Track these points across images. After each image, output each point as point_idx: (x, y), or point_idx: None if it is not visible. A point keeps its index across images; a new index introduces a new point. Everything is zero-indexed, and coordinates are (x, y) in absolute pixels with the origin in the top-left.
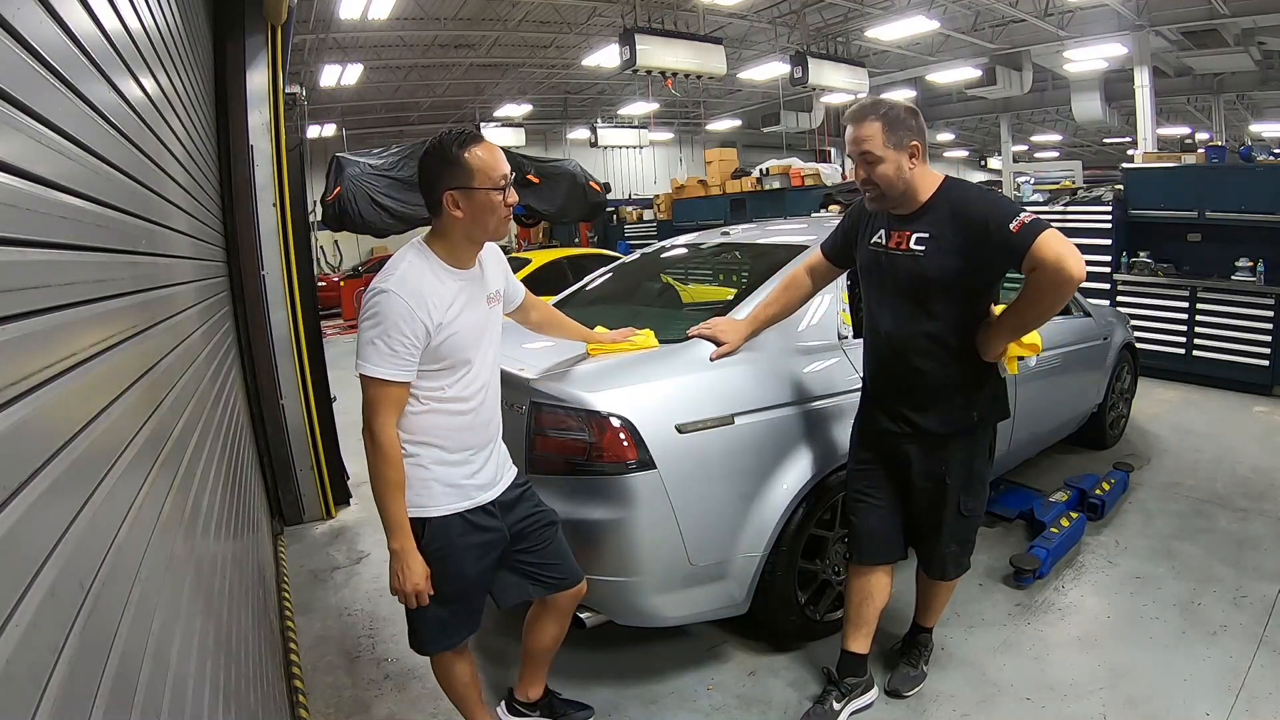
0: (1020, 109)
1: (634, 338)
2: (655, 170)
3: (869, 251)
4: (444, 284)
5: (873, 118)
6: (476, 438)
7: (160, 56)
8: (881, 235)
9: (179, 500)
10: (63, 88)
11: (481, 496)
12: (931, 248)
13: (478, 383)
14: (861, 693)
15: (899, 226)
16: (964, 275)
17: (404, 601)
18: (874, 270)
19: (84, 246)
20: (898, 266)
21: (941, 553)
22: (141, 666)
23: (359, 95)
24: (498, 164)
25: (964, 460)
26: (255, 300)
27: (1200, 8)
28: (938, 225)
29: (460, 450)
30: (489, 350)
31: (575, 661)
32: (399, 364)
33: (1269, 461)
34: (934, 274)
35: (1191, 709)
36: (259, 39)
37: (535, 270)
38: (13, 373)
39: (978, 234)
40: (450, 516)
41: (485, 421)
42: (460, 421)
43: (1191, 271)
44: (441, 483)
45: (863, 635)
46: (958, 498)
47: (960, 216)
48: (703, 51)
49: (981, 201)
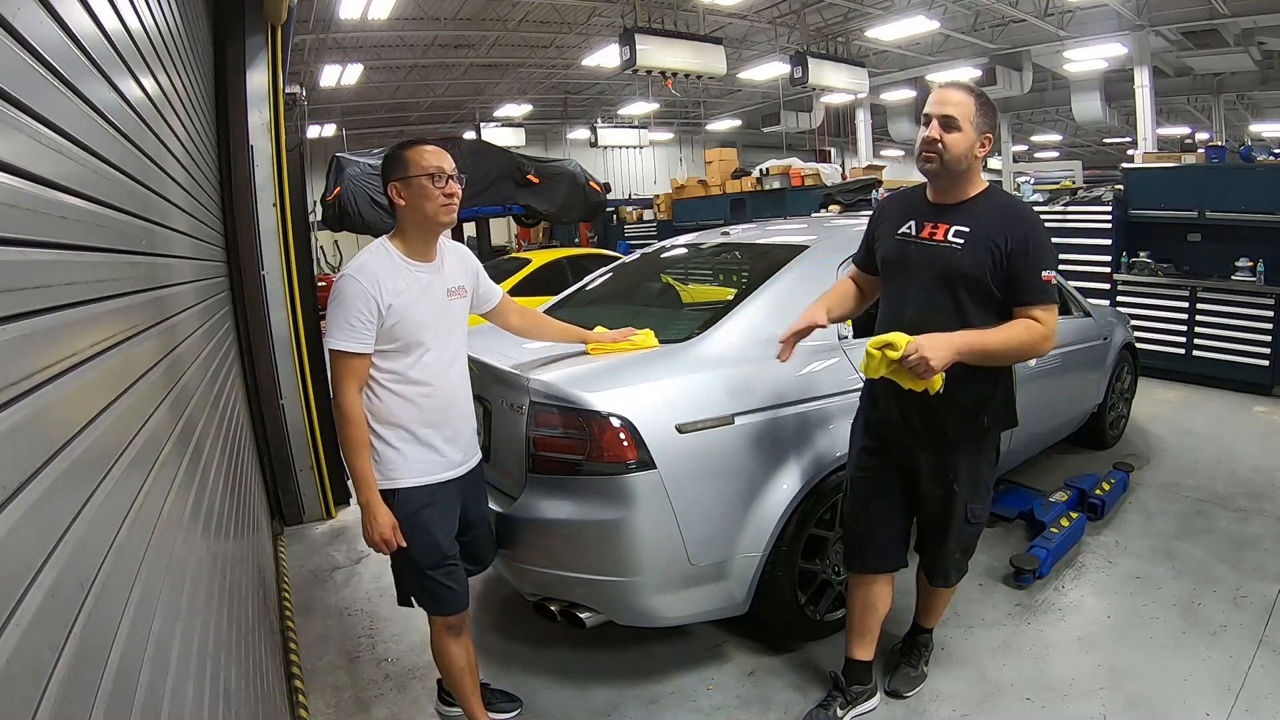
0: (1020, 109)
1: (634, 337)
2: (655, 170)
3: (895, 242)
4: (399, 273)
5: (970, 93)
6: (438, 419)
7: (160, 56)
8: (911, 226)
9: (179, 500)
10: (63, 88)
11: (445, 474)
12: (970, 241)
13: (435, 367)
14: (866, 699)
15: (934, 217)
16: (995, 275)
17: (378, 550)
18: (900, 260)
19: (84, 246)
20: (931, 256)
21: (947, 560)
22: (141, 666)
23: (359, 95)
24: (431, 158)
25: (972, 466)
26: (255, 300)
27: (1200, 8)
28: (979, 222)
29: (424, 429)
30: (449, 339)
31: (575, 661)
32: (357, 337)
33: (1269, 461)
34: (968, 268)
35: (1191, 709)
36: (259, 39)
37: (535, 270)
38: (13, 373)
39: (1016, 248)
40: (415, 488)
41: (446, 405)
42: (423, 404)
43: (1191, 271)
44: (406, 458)
45: (867, 643)
46: (965, 504)
47: (1008, 222)
48: (703, 51)
49: (1034, 226)
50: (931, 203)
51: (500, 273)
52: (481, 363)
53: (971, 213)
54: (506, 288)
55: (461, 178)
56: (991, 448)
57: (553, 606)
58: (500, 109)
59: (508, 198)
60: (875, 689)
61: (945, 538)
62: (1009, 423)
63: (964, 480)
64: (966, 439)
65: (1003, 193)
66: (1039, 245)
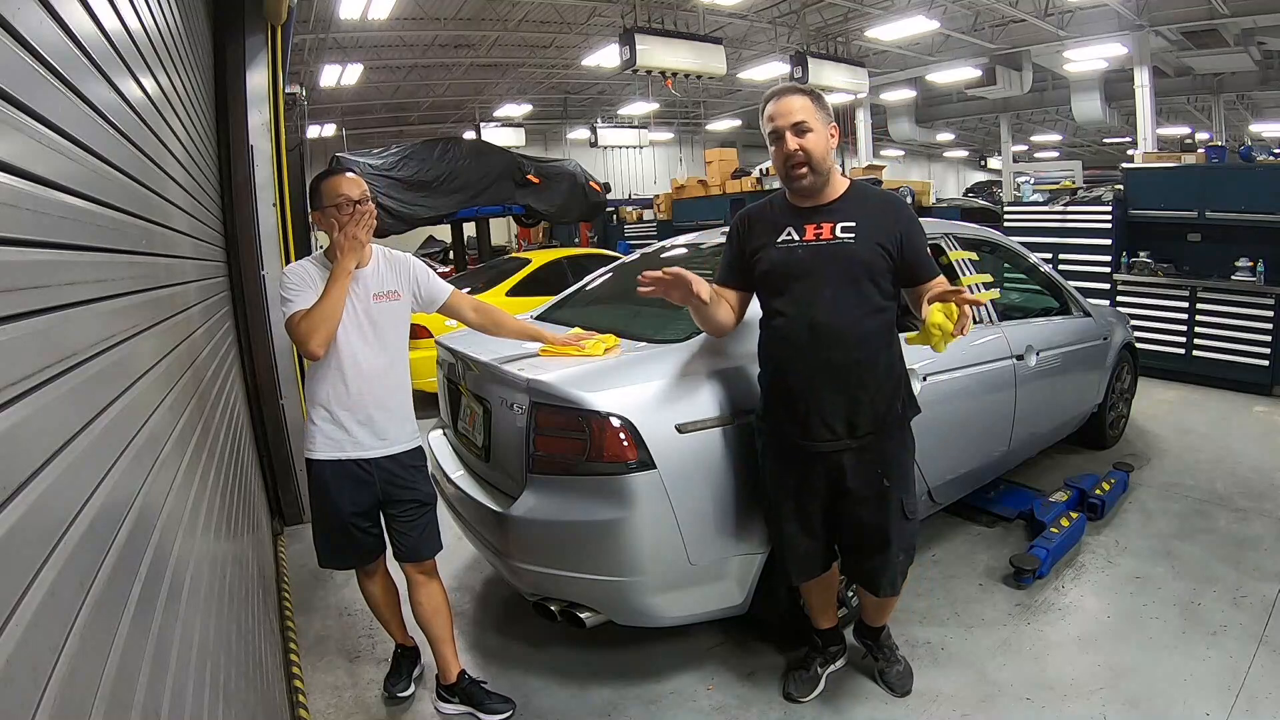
0: (1020, 109)
1: (585, 342)
2: (655, 170)
3: (779, 250)
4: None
5: (799, 93)
6: (350, 403)
7: (160, 56)
8: (790, 232)
9: (179, 500)
10: (63, 88)
11: (355, 453)
12: (860, 235)
13: (355, 359)
14: (839, 658)
15: (813, 219)
16: (890, 264)
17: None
18: (790, 267)
19: (84, 246)
20: (826, 255)
21: (893, 566)
22: (141, 666)
23: (359, 95)
24: (337, 189)
25: (898, 457)
26: (255, 300)
27: (1200, 8)
28: (861, 216)
29: (339, 410)
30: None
31: (575, 661)
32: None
33: (1269, 461)
34: (867, 255)
35: (1191, 709)
36: (259, 39)
37: (535, 270)
38: (13, 373)
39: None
40: (325, 461)
41: (360, 392)
42: (338, 389)
43: (1191, 271)
44: (323, 434)
45: (830, 613)
46: (899, 499)
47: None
48: (703, 51)
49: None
50: (801, 208)
51: (500, 273)
52: (481, 363)
53: (850, 208)
54: (506, 287)
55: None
56: (910, 436)
57: (553, 606)
58: (500, 109)
59: (508, 198)
60: (845, 649)
61: (887, 541)
62: (915, 408)
63: (894, 474)
64: (890, 429)
65: (868, 185)
66: (920, 228)
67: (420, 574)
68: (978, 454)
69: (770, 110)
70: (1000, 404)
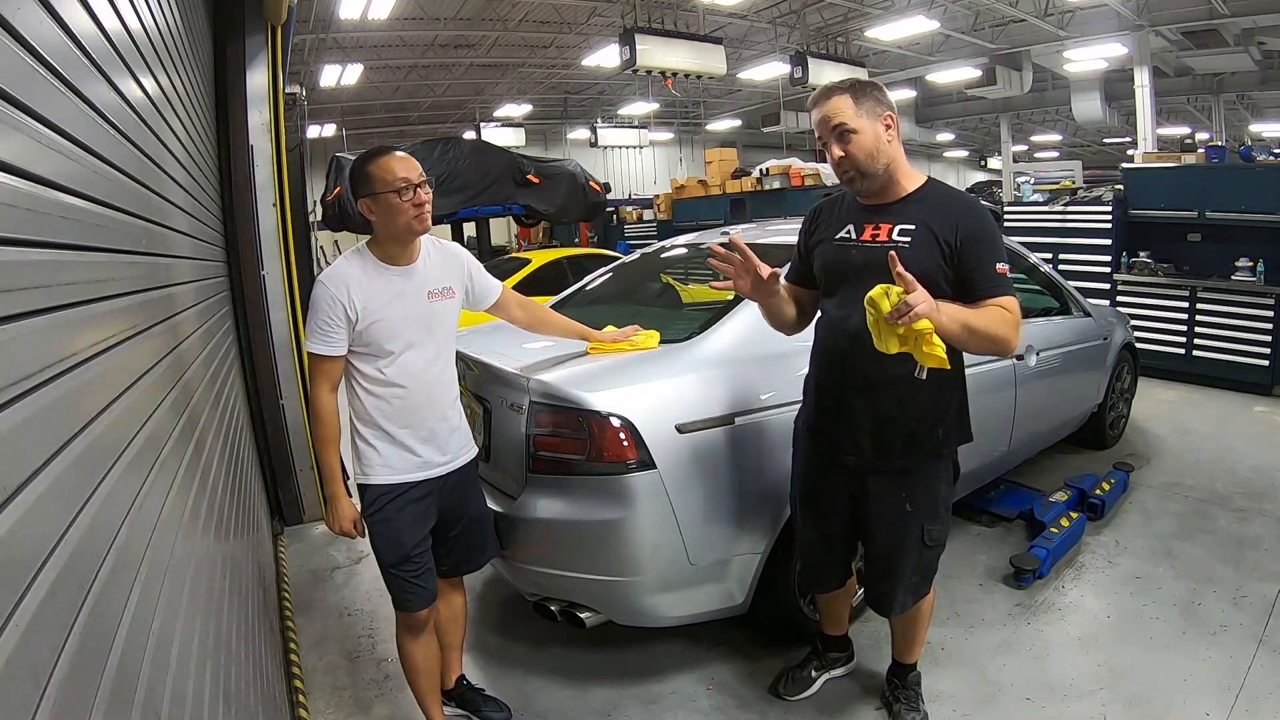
0: (1020, 109)
1: (635, 338)
2: (655, 170)
3: (835, 247)
4: (372, 278)
5: (836, 94)
6: (411, 420)
7: (160, 56)
8: (850, 230)
9: (179, 500)
10: (63, 88)
11: (418, 474)
12: (918, 239)
13: (411, 370)
14: (842, 664)
15: (874, 218)
16: (946, 272)
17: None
18: (842, 266)
19: (84, 246)
20: (880, 259)
21: (903, 589)
22: (141, 666)
23: (359, 95)
24: (395, 171)
25: (929, 487)
26: (255, 300)
27: (1200, 8)
28: (924, 218)
29: (399, 429)
30: (429, 341)
31: (575, 661)
32: (326, 341)
33: (1269, 461)
34: (918, 266)
35: (1191, 709)
36: (259, 39)
37: (535, 270)
38: (13, 373)
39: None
40: (383, 485)
41: (420, 405)
42: (397, 405)
43: (1191, 271)
44: (381, 456)
45: (837, 622)
46: (921, 527)
47: (954, 216)
48: (703, 51)
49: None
50: (866, 206)
51: (500, 273)
52: (481, 362)
53: (914, 209)
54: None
55: (430, 180)
56: (949, 465)
57: (553, 606)
58: (500, 109)
59: (508, 198)
60: (852, 655)
61: (897, 566)
62: (964, 436)
63: (920, 501)
64: (921, 455)
65: (944, 185)
66: (991, 237)
67: (449, 584)
68: (977, 454)
69: (814, 119)
70: (1000, 404)
